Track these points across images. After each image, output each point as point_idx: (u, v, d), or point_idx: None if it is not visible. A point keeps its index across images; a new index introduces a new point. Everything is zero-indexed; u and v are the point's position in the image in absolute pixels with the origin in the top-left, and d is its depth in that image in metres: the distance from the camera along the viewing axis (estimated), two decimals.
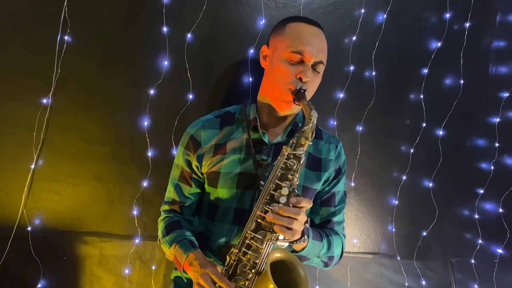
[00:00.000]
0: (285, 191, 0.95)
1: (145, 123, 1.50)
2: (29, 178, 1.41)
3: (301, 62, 1.08)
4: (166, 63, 1.50)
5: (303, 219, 0.93)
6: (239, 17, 1.56)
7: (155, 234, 1.48)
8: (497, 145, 1.90)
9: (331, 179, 1.24)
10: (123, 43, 1.48)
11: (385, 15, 1.71)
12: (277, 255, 0.92)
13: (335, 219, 1.25)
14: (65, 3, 1.40)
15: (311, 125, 0.98)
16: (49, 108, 1.42)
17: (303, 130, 0.98)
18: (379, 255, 1.81)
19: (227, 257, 0.99)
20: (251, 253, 0.95)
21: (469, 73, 1.84)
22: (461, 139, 1.90)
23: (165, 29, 1.49)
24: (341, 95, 1.70)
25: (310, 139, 0.99)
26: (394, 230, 1.80)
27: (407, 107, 1.81)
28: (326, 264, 1.20)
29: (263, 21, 1.56)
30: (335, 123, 1.69)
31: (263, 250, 0.94)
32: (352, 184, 1.74)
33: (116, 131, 1.49)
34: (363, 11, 1.68)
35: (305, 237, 1.03)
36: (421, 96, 1.80)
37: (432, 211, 1.84)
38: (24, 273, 1.42)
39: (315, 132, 1.05)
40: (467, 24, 1.82)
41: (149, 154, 1.50)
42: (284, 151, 0.99)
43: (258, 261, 0.95)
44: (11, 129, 1.41)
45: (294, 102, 1.07)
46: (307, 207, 0.94)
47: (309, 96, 1.11)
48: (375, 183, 1.79)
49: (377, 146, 1.77)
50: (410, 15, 1.76)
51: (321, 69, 1.12)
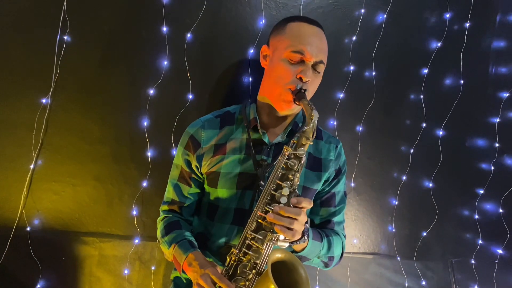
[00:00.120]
0: (285, 191, 0.95)
1: (145, 123, 1.49)
2: (28, 178, 1.41)
3: (302, 61, 1.07)
4: (165, 63, 1.50)
5: (303, 220, 0.93)
6: (239, 17, 1.56)
7: (154, 234, 1.47)
8: (497, 145, 1.90)
9: (331, 179, 1.23)
10: (123, 43, 1.48)
11: (385, 15, 1.71)
12: (277, 256, 0.92)
13: (335, 219, 1.25)
14: (65, 3, 1.39)
15: (312, 125, 0.98)
16: (49, 108, 1.42)
17: (304, 130, 0.98)
18: (379, 255, 1.81)
19: (227, 258, 0.99)
20: (251, 253, 0.95)
21: (469, 73, 1.84)
22: (461, 139, 1.90)
23: (165, 29, 1.48)
24: (341, 95, 1.70)
25: (311, 139, 0.98)
26: (394, 230, 1.80)
27: (407, 107, 1.81)
28: (326, 264, 1.20)
29: (263, 21, 1.56)
30: (335, 123, 1.69)
31: (263, 250, 0.94)
32: (352, 184, 1.74)
33: (115, 131, 1.49)
34: (363, 11, 1.68)
35: (305, 237, 1.03)
36: (421, 96, 1.80)
37: (432, 211, 1.84)
38: (23, 274, 1.42)
39: (315, 132, 1.04)
40: (467, 24, 1.82)
41: (149, 154, 1.50)
42: (285, 151, 0.98)
43: (258, 262, 0.94)
44: (10, 129, 1.40)
45: (294, 102, 1.06)
46: (308, 207, 0.94)
47: (309, 96, 1.11)
48: (375, 184, 1.78)
49: (377, 146, 1.77)
50: (410, 15, 1.76)
51: (322, 69, 1.12)
